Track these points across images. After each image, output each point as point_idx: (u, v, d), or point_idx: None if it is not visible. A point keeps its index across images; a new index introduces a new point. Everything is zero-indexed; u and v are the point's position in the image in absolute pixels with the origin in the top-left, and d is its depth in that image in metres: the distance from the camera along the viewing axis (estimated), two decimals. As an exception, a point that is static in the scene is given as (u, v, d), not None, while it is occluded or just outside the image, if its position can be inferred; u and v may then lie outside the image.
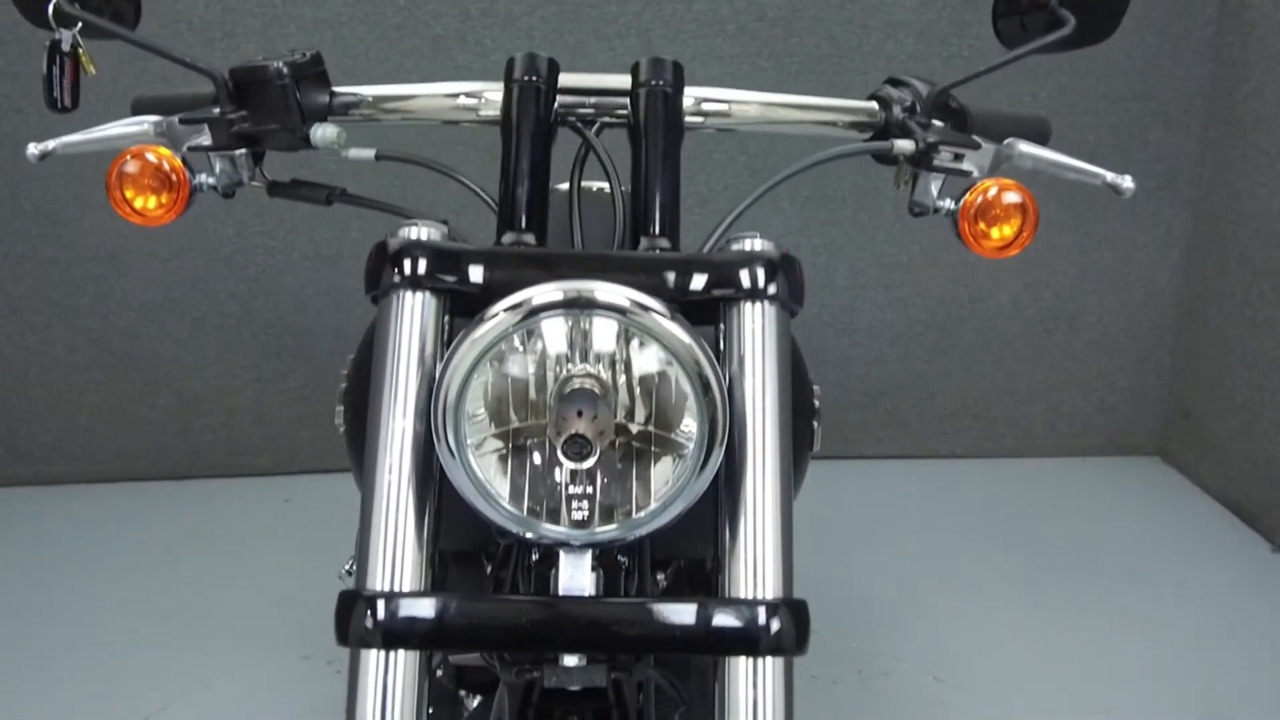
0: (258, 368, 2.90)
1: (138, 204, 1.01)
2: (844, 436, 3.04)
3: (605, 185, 1.03)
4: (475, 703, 1.14)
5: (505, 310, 0.79)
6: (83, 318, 2.84)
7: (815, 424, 0.98)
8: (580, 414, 0.74)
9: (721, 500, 0.81)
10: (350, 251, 2.81)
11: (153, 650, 2.23)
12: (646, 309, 0.78)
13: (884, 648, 2.26)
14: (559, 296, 0.78)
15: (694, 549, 0.87)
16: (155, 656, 2.21)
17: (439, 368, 0.80)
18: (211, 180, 1.07)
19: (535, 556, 0.88)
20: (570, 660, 0.77)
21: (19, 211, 2.75)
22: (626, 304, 0.79)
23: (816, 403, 0.98)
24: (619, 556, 0.86)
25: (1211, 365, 2.97)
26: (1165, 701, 2.10)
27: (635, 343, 0.79)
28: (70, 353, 2.87)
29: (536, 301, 0.79)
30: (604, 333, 0.80)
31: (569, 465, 0.76)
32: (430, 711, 0.81)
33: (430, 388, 0.80)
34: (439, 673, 1.08)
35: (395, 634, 0.76)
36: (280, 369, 2.90)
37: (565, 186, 1.07)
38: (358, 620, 0.77)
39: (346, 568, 1.27)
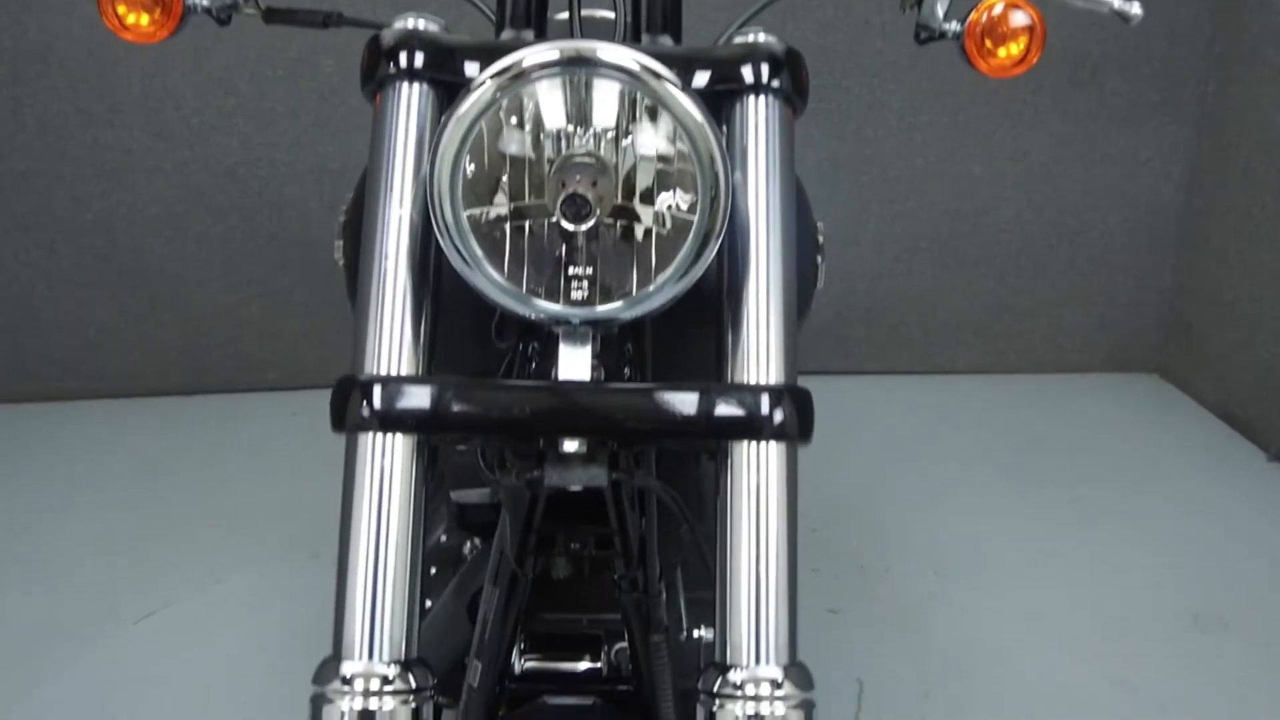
0: (263, 283, 2.91)
1: (129, 20, 0.98)
2: (847, 352, 3.06)
3: None
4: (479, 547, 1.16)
5: (494, 75, 0.74)
6: (88, 234, 2.85)
7: (819, 259, 0.98)
8: (579, 179, 0.73)
9: (724, 291, 0.80)
10: (355, 164, 2.79)
11: (161, 552, 2.26)
12: (657, 75, 0.74)
13: (885, 547, 2.29)
14: (554, 55, 0.74)
15: (695, 354, 0.86)
16: (163, 557, 2.24)
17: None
18: (206, 1, 1.04)
19: (536, 350, 0.87)
20: (570, 445, 0.75)
21: (21, 127, 2.75)
22: (635, 67, 0.74)
23: (820, 238, 0.98)
24: (620, 352, 0.85)
25: (1212, 280, 2.97)
26: (1159, 602, 2.13)
27: (639, 118, 0.76)
28: (76, 269, 2.88)
29: (529, 62, 0.74)
30: (605, 101, 0.76)
31: (568, 226, 0.73)
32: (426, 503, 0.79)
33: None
34: (442, 512, 1.08)
35: (392, 418, 0.75)
36: (286, 284, 2.91)
37: None
38: (354, 405, 0.76)
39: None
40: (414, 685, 0.73)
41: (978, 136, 2.92)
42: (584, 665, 1.21)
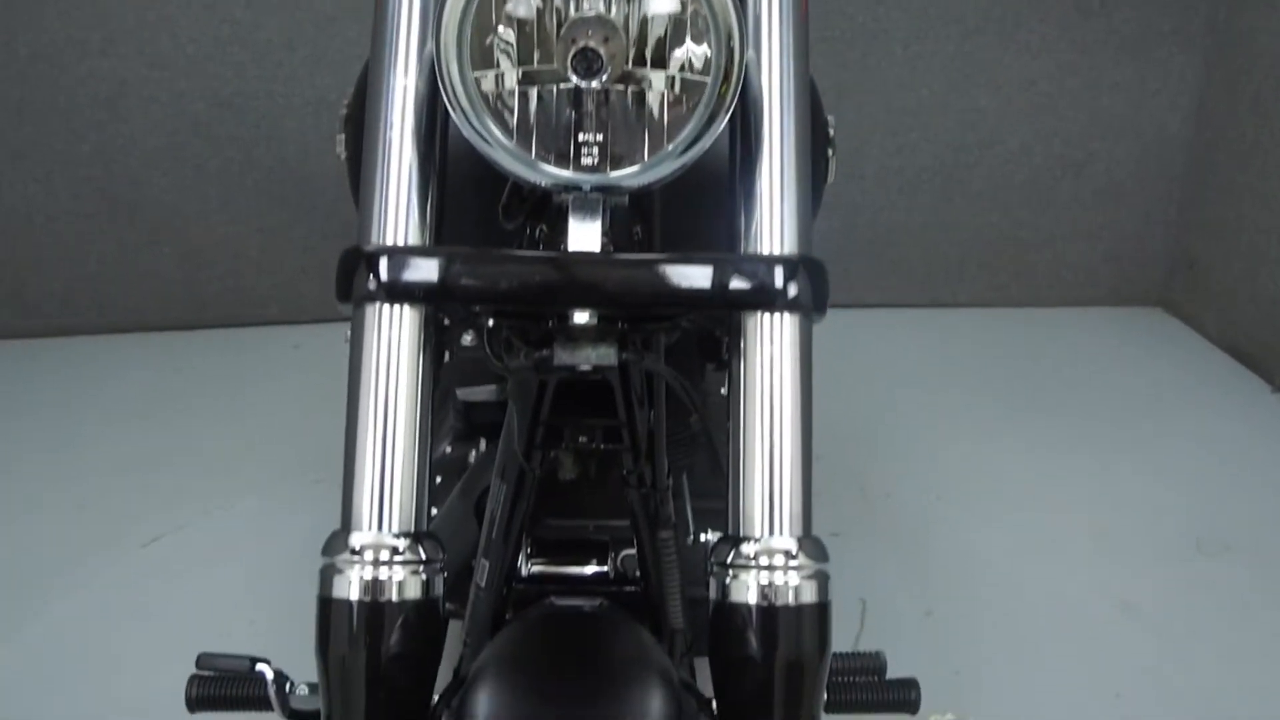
0: (262, 216, 2.88)
1: None
2: (849, 285, 3.04)
3: None
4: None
5: None
6: (85, 166, 2.82)
7: (830, 153, 0.97)
8: (590, 34, 0.70)
9: (736, 163, 0.79)
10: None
11: (166, 480, 2.27)
12: None
13: (887, 473, 2.29)
14: None
15: (705, 233, 0.85)
16: (169, 485, 2.25)
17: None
18: None
19: (543, 232, 0.86)
20: (581, 318, 0.74)
21: (14, 56, 2.71)
22: None
23: (831, 131, 0.97)
24: (629, 227, 0.84)
25: (1218, 212, 2.95)
26: (1161, 527, 2.14)
27: None
28: (74, 201, 2.86)
29: None
30: None
31: (579, 83, 0.71)
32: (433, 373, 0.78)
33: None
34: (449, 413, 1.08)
35: (399, 289, 0.73)
36: (285, 218, 2.89)
37: None
38: (360, 277, 0.74)
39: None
40: (424, 557, 0.73)
41: (983, 66, 2.88)
42: (591, 569, 1.21)
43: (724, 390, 1.13)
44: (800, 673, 0.71)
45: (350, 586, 0.71)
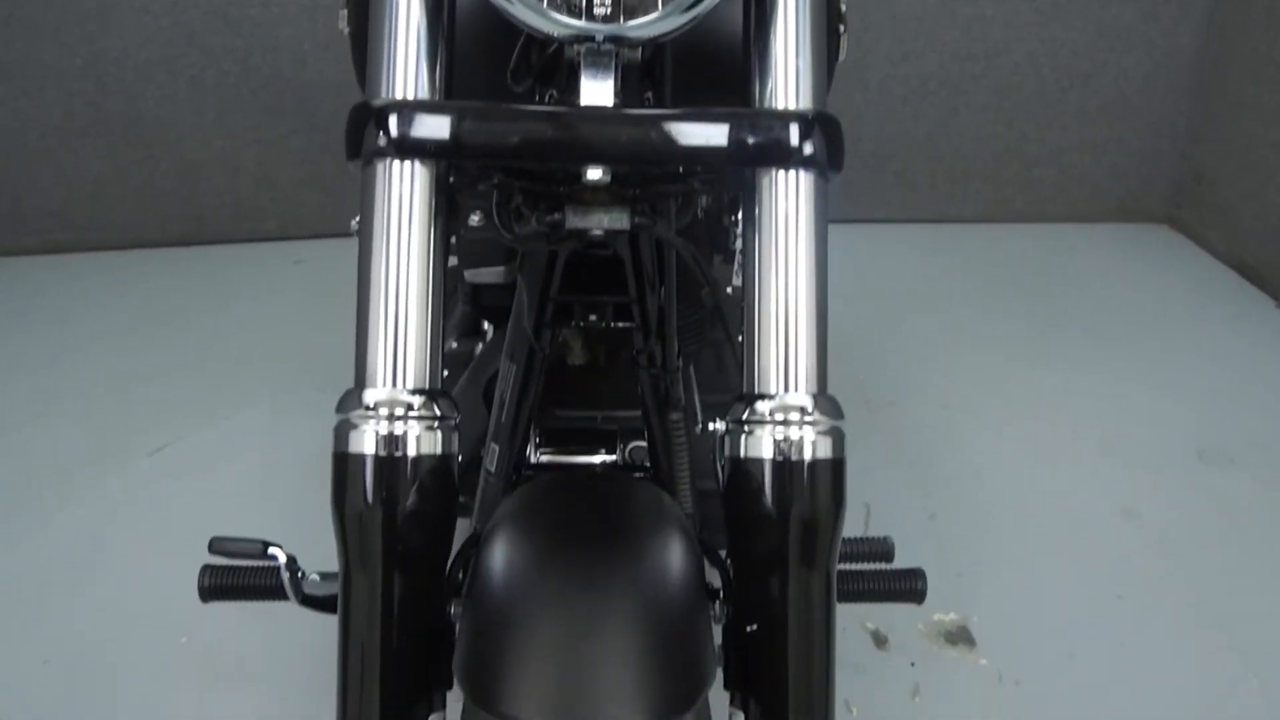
0: (259, 128, 2.84)
1: None
2: (852, 199, 3.01)
3: None
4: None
5: None
6: (77, 80, 2.78)
7: (841, 29, 0.94)
8: None
9: (750, 17, 0.76)
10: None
11: (169, 392, 2.27)
12: None
13: (892, 384, 2.29)
14: None
15: (717, 92, 0.83)
16: (172, 397, 2.25)
17: None
18: None
19: (554, 97, 0.84)
20: (594, 174, 0.71)
21: (0, -31, 2.65)
22: None
23: (843, 6, 0.94)
24: (640, 86, 0.82)
25: (1227, 126, 2.91)
26: (1165, 438, 2.15)
27: None
28: (67, 118, 2.81)
29: None
30: None
31: None
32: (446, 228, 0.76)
33: None
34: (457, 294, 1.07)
35: (409, 144, 0.71)
36: (282, 130, 2.85)
37: None
38: (370, 132, 0.72)
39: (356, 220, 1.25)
40: (439, 414, 0.72)
41: (991, -28, 2.83)
42: (599, 459, 1.21)
43: (738, 259, 1.12)
44: (815, 528, 0.71)
45: (366, 441, 0.71)
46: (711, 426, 0.87)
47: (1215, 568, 1.81)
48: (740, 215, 1.10)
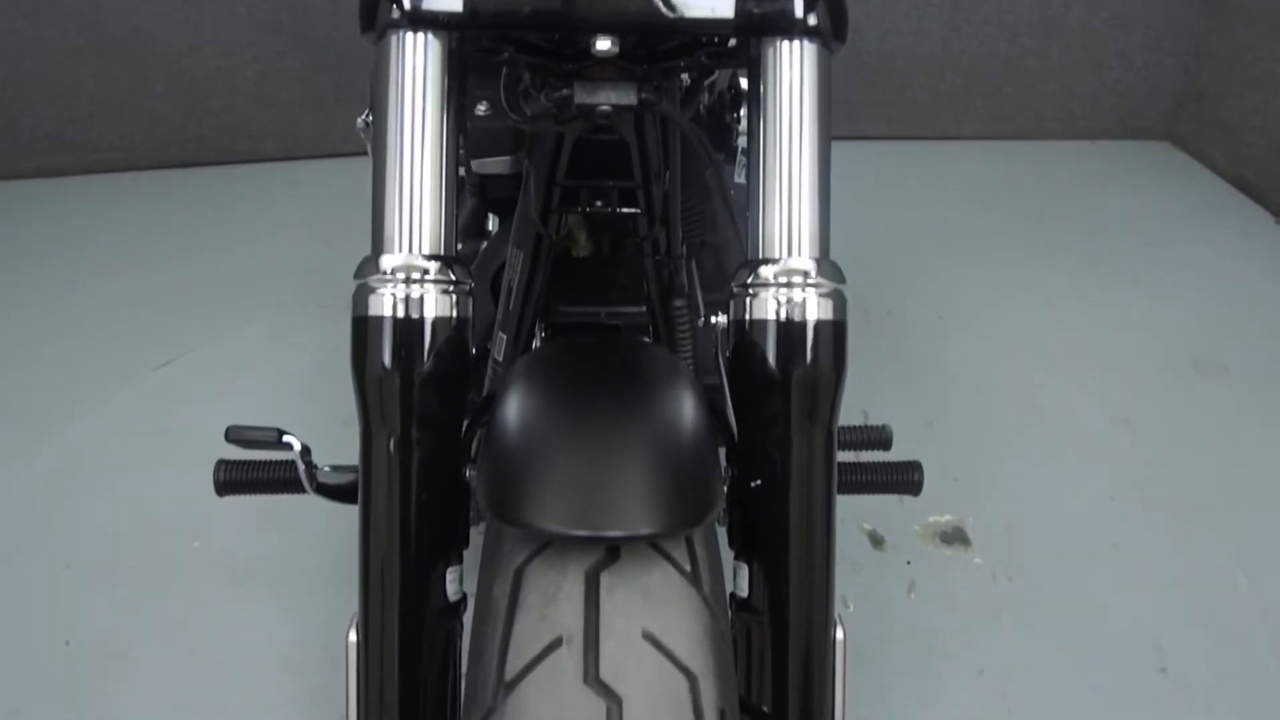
0: (256, 46, 2.82)
1: None
2: (852, 116, 3.00)
3: None
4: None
5: None
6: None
7: None
8: None
9: None
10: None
11: (174, 310, 2.28)
12: None
13: (890, 295, 2.30)
14: None
15: None
16: (177, 314, 2.27)
17: None
18: None
19: None
20: (603, 44, 0.72)
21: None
22: None
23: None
24: None
25: (1231, 41, 2.89)
26: (1161, 349, 2.17)
27: None
28: (62, 37, 2.79)
29: None
30: None
31: None
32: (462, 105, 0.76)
33: None
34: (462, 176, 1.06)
35: (421, 15, 0.72)
36: (279, 48, 2.83)
37: None
38: (384, 5, 0.73)
39: (364, 118, 1.26)
40: (453, 278, 0.74)
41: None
42: (603, 353, 1.22)
43: (741, 159, 1.12)
44: (817, 386, 0.73)
45: (384, 304, 0.73)
46: (714, 320, 0.88)
47: (1207, 472, 1.84)
48: (743, 112, 1.10)
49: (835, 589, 0.76)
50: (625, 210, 0.99)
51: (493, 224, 1.53)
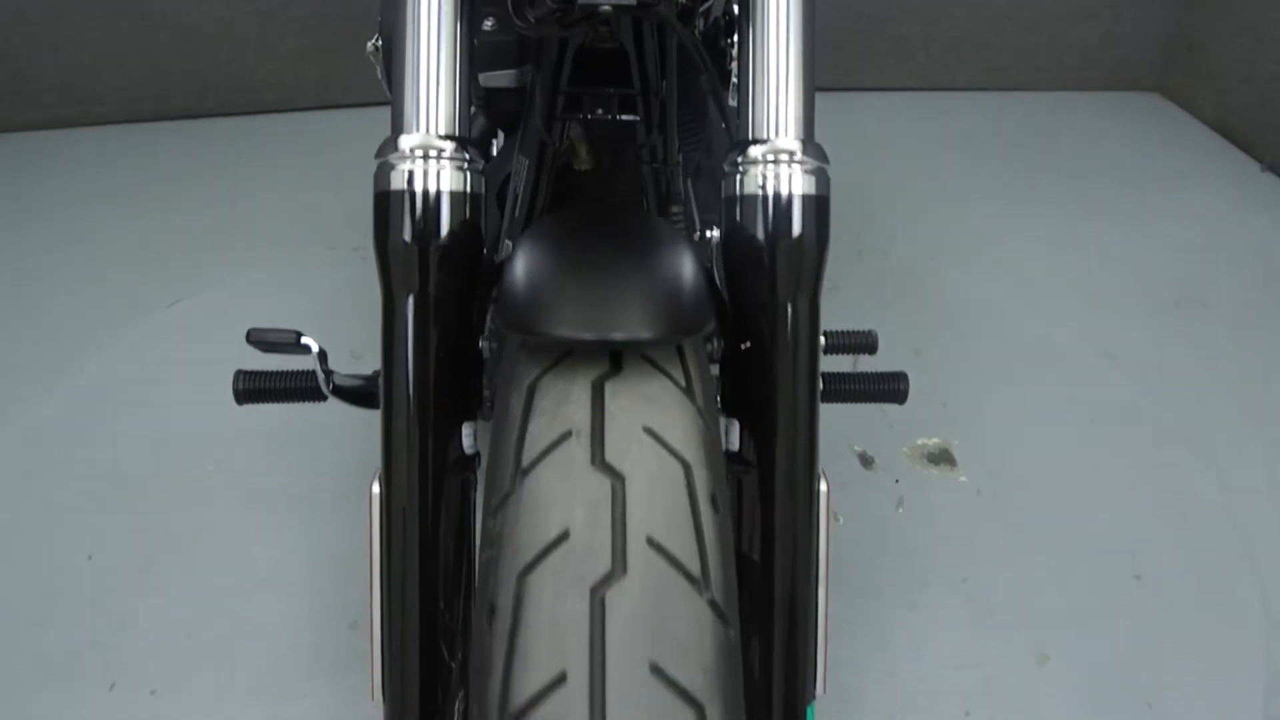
0: (257, -2, 2.86)
1: None
2: (845, 66, 3.04)
3: None
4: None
5: None
6: (72, -51, 2.78)
7: None
8: None
9: None
10: None
11: (182, 253, 2.33)
12: None
13: (883, 236, 2.36)
14: None
15: None
16: (185, 257, 2.32)
17: None
18: None
19: None
20: None
21: None
22: None
23: None
24: None
25: (1220, -10, 2.93)
26: (1145, 288, 2.23)
27: None
28: (65, -10, 2.82)
29: None
30: None
31: None
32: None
33: None
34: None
35: None
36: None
37: None
38: None
39: (373, 42, 1.30)
40: (467, 156, 0.80)
41: None
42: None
43: (734, 81, 1.17)
44: (802, 254, 0.79)
45: (403, 179, 0.78)
46: (709, 234, 0.94)
47: (1186, 398, 1.90)
48: (735, 38, 1.15)
49: (819, 445, 0.82)
50: (624, 118, 1.04)
51: (495, 151, 1.59)
